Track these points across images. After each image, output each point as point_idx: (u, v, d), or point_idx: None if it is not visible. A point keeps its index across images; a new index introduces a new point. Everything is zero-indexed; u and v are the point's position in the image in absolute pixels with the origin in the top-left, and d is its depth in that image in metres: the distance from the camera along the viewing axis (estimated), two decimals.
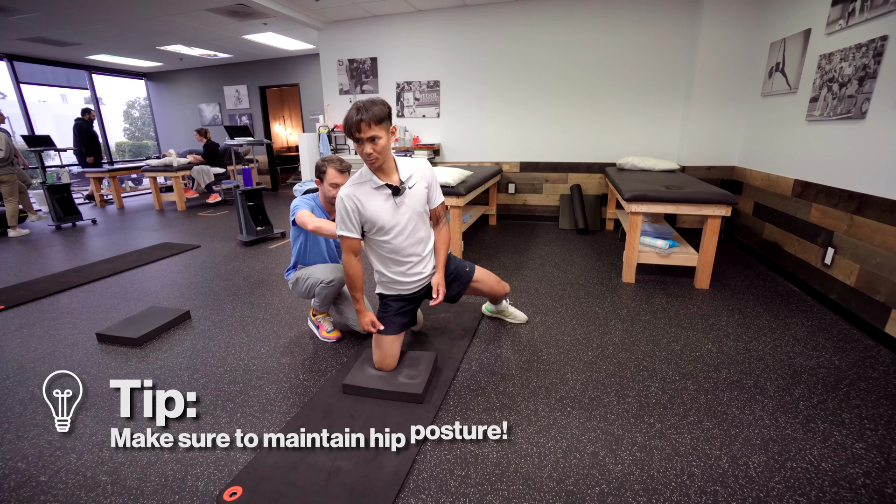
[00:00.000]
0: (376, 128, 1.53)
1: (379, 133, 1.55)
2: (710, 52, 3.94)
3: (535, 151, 4.95)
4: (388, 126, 1.60)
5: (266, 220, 4.38)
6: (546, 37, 4.57)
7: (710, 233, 2.80)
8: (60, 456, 1.48)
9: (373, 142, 1.56)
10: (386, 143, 1.60)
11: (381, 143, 1.57)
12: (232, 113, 8.36)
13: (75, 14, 4.85)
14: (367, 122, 1.51)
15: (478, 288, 2.09)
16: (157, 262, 3.74)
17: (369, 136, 1.54)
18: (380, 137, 1.56)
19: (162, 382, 1.91)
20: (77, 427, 1.62)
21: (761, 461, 1.40)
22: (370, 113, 1.51)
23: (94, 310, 2.74)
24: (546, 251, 3.87)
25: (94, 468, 1.42)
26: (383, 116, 1.55)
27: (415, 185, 1.76)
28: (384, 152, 1.62)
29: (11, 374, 2.00)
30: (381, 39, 5.19)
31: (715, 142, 4.13)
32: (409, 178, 1.75)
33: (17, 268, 3.68)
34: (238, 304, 2.79)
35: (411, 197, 1.76)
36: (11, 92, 6.95)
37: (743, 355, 2.06)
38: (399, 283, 1.88)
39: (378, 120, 1.53)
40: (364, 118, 1.51)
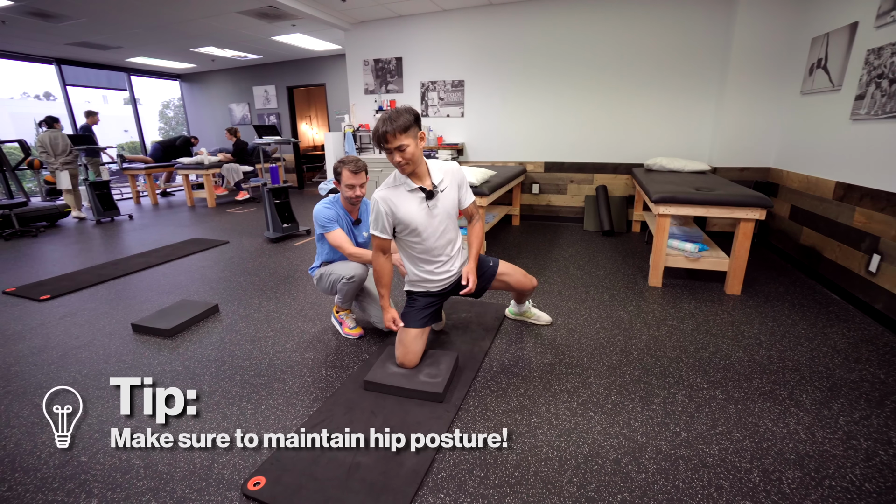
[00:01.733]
0: (402, 136, 1.59)
1: (406, 141, 1.60)
2: (746, 47, 3.78)
3: (560, 151, 4.88)
4: (415, 133, 1.64)
5: (292, 218, 4.48)
6: (572, 35, 4.50)
7: (743, 237, 2.69)
8: (98, 439, 1.55)
9: (401, 151, 1.61)
10: (414, 150, 1.64)
11: (409, 150, 1.62)
12: (260, 112, 8.58)
13: (117, 19, 5.08)
14: (391, 133, 1.58)
15: (505, 281, 2.08)
16: (189, 257, 3.87)
17: (397, 146, 1.60)
18: (407, 145, 1.61)
19: (191, 373, 1.98)
20: (110, 415, 1.70)
21: (796, 477, 1.34)
22: (395, 123, 1.57)
23: (129, 301, 2.86)
24: (570, 253, 3.81)
25: (129, 452, 1.48)
26: (409, 125, 1.60)
27: (446, 189, 1.81)
28: (413, 159, 1.66)
29: (56, 360, 2.12)
30: (406, 39, 5.22)
31: (749, 142, 3.97)
32: (441, 182, 1.79)
33: (61, 260, 3.88)
34: (264, 299, 2.86)
35: (443, 199, 1.80)
36: (60, 94, 7.34)
37: (776, 365, 1.97)
38: (428, 280, 1.93)
39: (403, 129, 1.59)
40: (389, 129, 1.58)
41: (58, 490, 1.34)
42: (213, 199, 6.56)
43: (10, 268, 3.66)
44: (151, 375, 1.95)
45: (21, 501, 1.30)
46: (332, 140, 5.80)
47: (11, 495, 1.32)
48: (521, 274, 2.11)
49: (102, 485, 1.35)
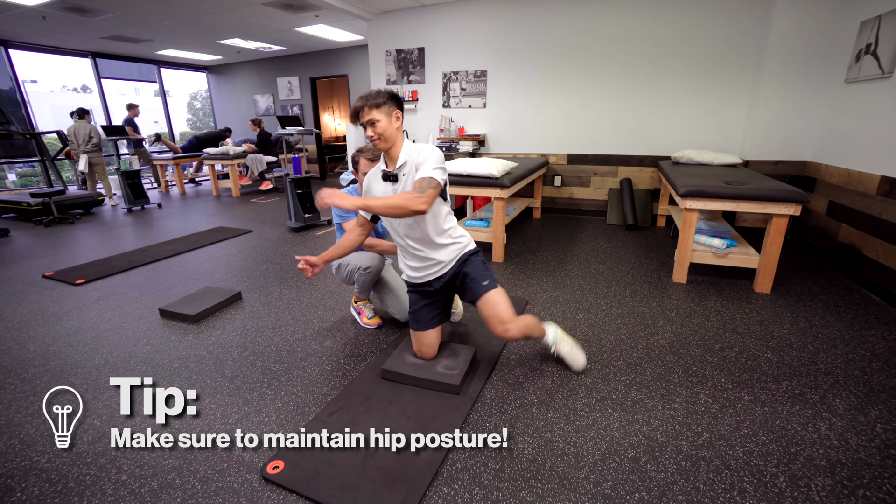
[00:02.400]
0: (375, 111, 1.59)
1: (378, 117, 1.60)
2: (785, 33, 3.59)
3: (583, 143, 4.76)
4: (389, 110, 1.62)
5: (314, 208, 4.54)
6: (598, 23, 4.36)
7: (775, 233, 2.58)
8: (127, 418, 1.62)
9: (372, 125, 1.61)
10: (386, 126, 1.62)
11: (381, 126, 1.61)
12: (284, 103, 8.70)
13: (147, 12, 5.21)
14: (362, 108, 1.61)
15: (483, 312, 1.73)
16: (213, 245, 3.98)
17: (368, 120, 1.61)
18: (378, 121, 1.60)
19: (215, 358, 2.04)
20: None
21: (826, 485, 1.28)
22: (369, 99, 1.60)
23: (157, 287, 2.97)
24: (592, 247, 3.74)
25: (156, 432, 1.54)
26: (382, 102, 1.60)
27: (408, 174, 1.67)
28: (385, 135, 1.63)
29: (90, 342, 2.21)
30: (428, 29, 5.17)
31: (785, 134, 3.78)
32: (403, 166, 1.68)
33: (95, 246, 4.05)
34: (285, 287, 2.91)
35: (404, 186, 1.68)
36: (95, 86, 7.61)
37: (808, 367, 1.89)
38: (407, 272, 1.86)
39: (376, 105, 1.60)
40: (360, 104, 1.61)
41: (91, 465, 1.40)
42: (237, 188, 6.71)
43: (49, 252, 3.84)
44: (177, 360, 2.03)
45: (59, 474, 1.37)
46: (354, 131, 5.83)
47: (51, 467, 1.40)
48: (497, 319, 1.69)
49: (131, 462, 1.41)
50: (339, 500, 1.24)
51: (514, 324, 1.70)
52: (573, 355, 1.86)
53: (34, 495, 1.29)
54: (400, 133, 1.68)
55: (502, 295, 1.74)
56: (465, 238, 1.83)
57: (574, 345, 1.89)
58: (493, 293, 1.73)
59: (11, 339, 2.25)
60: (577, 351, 1.88)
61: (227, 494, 1.28)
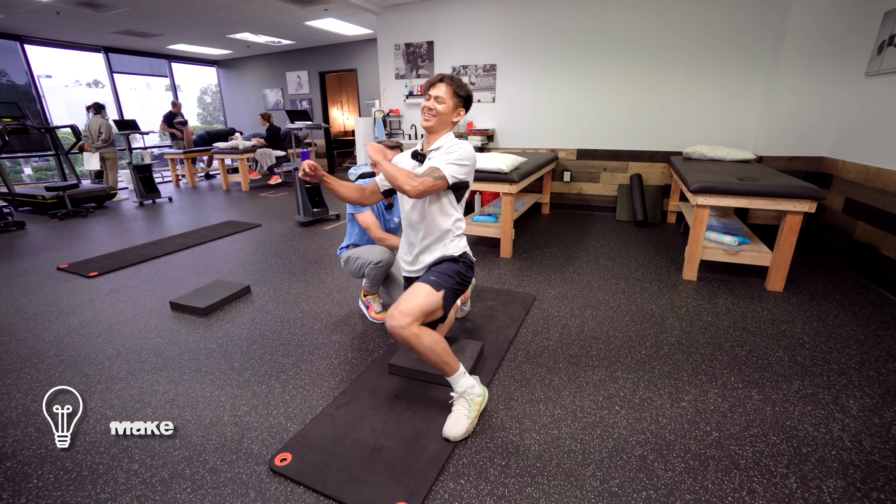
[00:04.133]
0: (446, 90, 1.58)
1: (445, 95, 1.58)
2: (803, 23, 3.49)
3: (593, 138, 4.71)
4: (457, 102, 1.60)
5: (322, 203, 4.55)
6: (609, 18, 4.29)
7: (789, 230, 2.53)
8: (139, 409, 1.65)
9: (437, 98, 1.59)
10: (445, 109, 1.59)
11: (442, 106, 1.58)
12: (293, 98, 8.72)
13: (158, 6, 5.24)
14: (440, 81, 1.58)
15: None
16: (223, 239, 4.02)
17: (436, 94, 1.58)
18: (443, 100, 1.58)
19: (224, 350, 2.06)
20: (150, 387, 1.80)
21: (838, 486, 1.26)
22: (450, 79, 1.58)
23: (168, 280, 3.00)
24: (601, 243, 3.71)
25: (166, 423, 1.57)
26: (458, 91, 1.59)
27: (434, 157, 1.62)
28: (440, 113, 1.59)
29: (102, 333, 2.25)
30: (438, 23, 5.13)
31: (800, 129, 3.70)
32: (435, 151, 1.63)
33: (108, 239, 4.11)
34: (294, 281, 2.93)
35: (427, 166, 1.62)
36: (107, 81, 7.69)
37: (820, 367, 1.86)
38: (404, 267, 1.80)
39: (450, 86, 1.58)
40: (442, 78, 1.59)
41: (104, 454, 1.43)
42: (247, 182, 6.76)
43: (63, 245, 3.90)
44: (187, 352, 2.06)
45: (73, 462, 1.40)
46: (363, 125, 5.83)
47: (65, 456, 1.43)
48: (397, 306, 1.48)
49: (142, 451, 1.44)
50: (345, 493, 1.25)
51: (411, 323, 1.42)
52: (457, 421, 1.47)
53: (49, 482, 1.32)
54: (450, 126, 1.65)
55: (431, 297, 1.50)
56: (460, 251, 1.68)
57: (472, 421, 1.49)
58: (424, 287, 1.53)
59: (27, 330, 2.30)
60: (465, 423, 1.47)
61: (235, 485, 1.30)
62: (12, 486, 1.31)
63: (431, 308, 1.51)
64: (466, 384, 1.52)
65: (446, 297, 1.56)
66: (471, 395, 1.51)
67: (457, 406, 1.51)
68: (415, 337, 1.43)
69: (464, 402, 1.50)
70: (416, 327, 1.44)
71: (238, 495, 1.26)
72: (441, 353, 1.47)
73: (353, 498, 1.23)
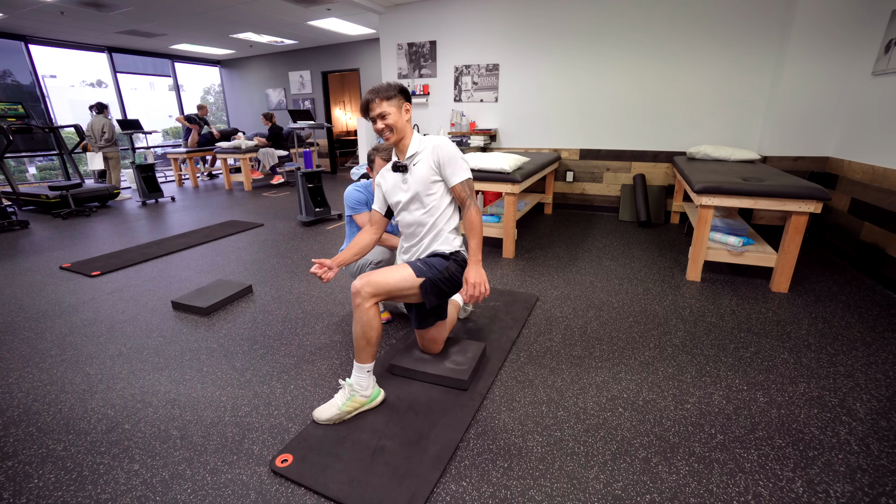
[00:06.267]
0: (385, 104, 1.61)
1: (388, 110, 1.61)
2: (809, 22, 3.46)
3: (596, 138, 4.69)
4: (398, 103, 1.64)
5: (324, 202, 4.55)
6: (612, 17, 4.27)
7: (794, 231, 2.51)
8: (140, 408, 1.64)
9: (382, 118, 1.62)
10: (396, 119, 1.63)
11: (391, 118, 1.62)
12: (296, 98, 8.72)
13: (161, 6, 5.24)
14: (374, 101, 1.61)
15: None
16: (225, 238, 4.02)
17: (378, 113, 1.62)
18: (388, 114, 1.62)
19: (225, 350, 2.06)
20: (152, 387, 1.79)
21: (846, 491, 1.24)
22: (379, 93, 1.61)
23: (170, 279, 3.00)
24: (604, 243, 3.69)
25: (167, 423, 1.56)
26: (392, 95, 1.62)
27: (419, 163, 1.68)
28: (396, 127, 1.64)
29: (104, 332, 2.25)
30: (440, 22, 5.12)
31: (806, 129, 3.67)
32: (414, 156, 1.69)
33: (110, 239, 4.12)
34: (295, 281, 2.93)
35: (415, 173, 1.68)
36: (110, 81, 7.71)
37: (826, 369, 1.84)
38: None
39: (386, 98, 1.61)
40: (371, 97, 1.62)
41: (105, 454, 1.42)
42: (249, 182, 6.77)
43: (66, 244, 3.91)
44: (189, 352, 2.05)
45: (74, 462, 1.39)
46: (365, 125, 5.82)
47: (66, 455, 1.42)
48: (367, 278, 1.55)
49: (143, 452, 1.43)
50: (347, 494, 1.24)
51: (370, 297, 1.51)
52: (329, 406, 1.55)
53: (50, 482, 1.32)
54: (409, 125, 1.70)
55: (407, 280, 1.59)
56: (453, 249, 1.74)
57: (341, 412, 1.53)
58: (406, 268, 1.62)
59: (30, 329, 2.30)
60: (333, 412, 1.53)
61: (236, 486, 1.29)
62: (13, 486, 1.31)
63: (403, 291, 1.60)
64: (360, 381, 1.58)
65: (425, 286, 1.63)
66: (354, 391, 1.57)
67: (338, 393, 1.58)
68: (364, 311, 1.53)
69: (345, 393, 1.57)
70: (371, 302, 1.54)
71: (239, 496, 1.25)
72: (370, 339, 1.55)
73: (354, 500, 1.22)
